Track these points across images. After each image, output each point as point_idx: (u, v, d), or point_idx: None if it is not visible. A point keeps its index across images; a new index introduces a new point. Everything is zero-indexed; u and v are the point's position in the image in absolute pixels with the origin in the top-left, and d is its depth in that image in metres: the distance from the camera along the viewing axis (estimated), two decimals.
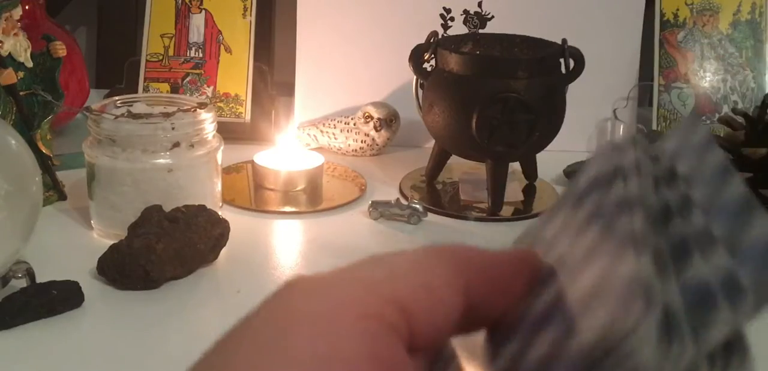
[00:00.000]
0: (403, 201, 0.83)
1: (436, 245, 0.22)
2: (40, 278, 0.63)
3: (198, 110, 0.77)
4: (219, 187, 0.79)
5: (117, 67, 1.12)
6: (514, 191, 0.90)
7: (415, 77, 0.89)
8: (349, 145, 1.00)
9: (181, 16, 1.06)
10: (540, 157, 0.90)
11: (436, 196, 0.90)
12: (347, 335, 0.18)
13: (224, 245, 0.71)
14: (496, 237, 0.79)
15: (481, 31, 1.03)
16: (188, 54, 1.06)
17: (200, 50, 1.06)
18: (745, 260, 0.19)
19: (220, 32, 1.06)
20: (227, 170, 0.90)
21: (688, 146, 0.23)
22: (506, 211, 0.86)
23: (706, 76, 1.07)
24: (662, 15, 1.07)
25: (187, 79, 1.05)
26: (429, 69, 0.87)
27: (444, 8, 1.04)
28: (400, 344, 0.19)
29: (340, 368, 0.18)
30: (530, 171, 0.91)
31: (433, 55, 0.86)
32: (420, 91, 0.89)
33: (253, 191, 0.89)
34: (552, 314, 0.20)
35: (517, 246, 0.24)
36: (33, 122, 0.81)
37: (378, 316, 0.19)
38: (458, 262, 0.21)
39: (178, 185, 0.74)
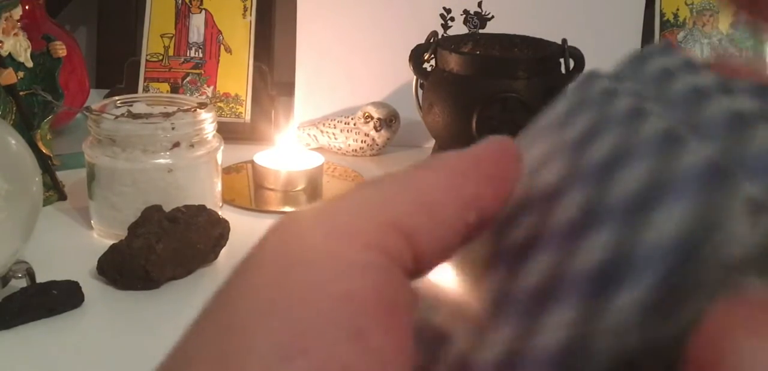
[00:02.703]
0: None
1: (429, 157, 0.21)
2: (40, 278, 0.63)
3: (198, 110, 0.77)
4: (219, 187, 0.79)
5: (117, 67, 1.12)
6: None
7: (415, 77, 0.89)
8: (349, 145, 1.00)
9: (181, 16, 1.06)
10: None
11: None
12: (354, 271, 0.18)
13: (224, 245, 0.71)
14: None
15: (481, 31, 1.03)
16: (188, 54, 1.06)
17: (200, 50, 1.06)
18: None
19: (220, 32, 1.06)
20: (227, 170, 0.90)
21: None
22: None
23: None
24: (662, 15, 1.07)
25: (187, 79, 1.05)
26: (429, 69, 0.87)
27: (444, 8, 1.04)
28: (402, 274, 0.18)
29: (353, 308, 0.17)
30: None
31: (433, 55, 0.86)
32: (420, 91, 0.89)
33: (253, 191, 0.89)
34: (591, 218, 0.18)
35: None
36: (33, 122, 0.81)
37: (380, 246, 0.18)
38: (453, 171, 0.20)
39: (178, 185, 0.74)
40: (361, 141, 1.00)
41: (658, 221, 0.16)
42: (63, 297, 0.62)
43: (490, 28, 1.03)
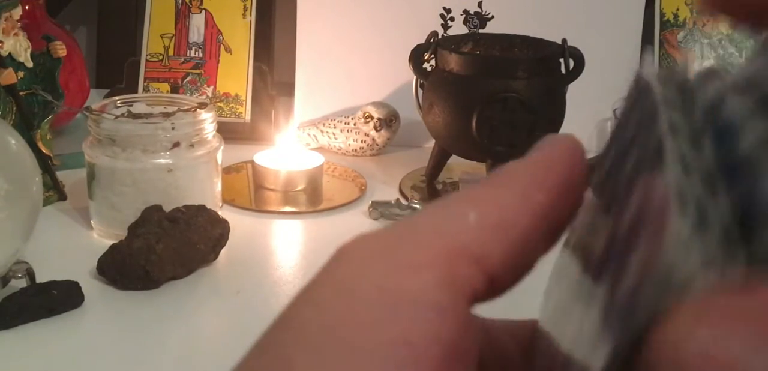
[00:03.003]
0: (403, 201, 0.83)
1: (497, 172, 0.20)
2: (40, 278, 0.63)
3: (198, 110, 0.77)
4: (219, 187, 0.79)
5: (117, 67, 1.12)
6: None
7: (415, 77, 0.89)
8: (349, 145, 1.00)
9: (181, 16, 1.06)
10: None
11: (436, 196, 0.90)
12: (413, 313, 0.17)
13: (224, 245, 0.71)
14: None
15: (481, 31, 1.03)
16: (188, 54, 1.06)
17: (200, 50, 1.06)
18: None
19: (220, 32, 1.06)
20: (227, 170, 0.90)
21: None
22: None
23: None
24: (662, 15, 1.07)
25: (187, 79, 1.05)
26: (429, 69, 0.87)
27: (444, 8, 1.03)
28: (469, 307, 0.18)
29: (408, 355, 0.16)
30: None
31: (433, 55, 0.86)
32: (420, 91, 0.89)
33: (253, 191, 0.89)
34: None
35: None
36: (33, 122, 0.81)
37: (447, 279, 0.17)
38: (523, 182, 0.19)
39: (178, 185, 0.74)
40: (361, 141, 1.00)
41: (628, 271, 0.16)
42: (63, 297, 0.62)
43: (490, 28, 1.03)
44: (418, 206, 0.81)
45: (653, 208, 0.16)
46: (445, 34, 1.02)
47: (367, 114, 0.99)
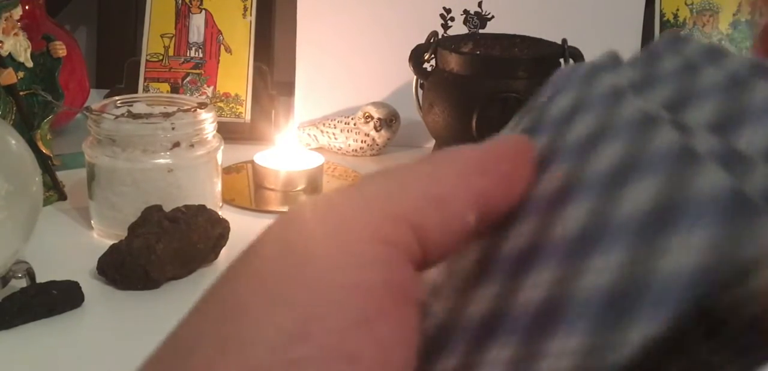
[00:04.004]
0: None
1: (442, 151, 0.20)
2: (40, 278, 0.63)
3: (198, 110, 0.77)
4: (219, 187, 0.79)
5: (117, 67, 1.12)
6: None
7: (415, 77, 0.89)
8: (349, 145, 1.00)
9: (181, 16, 1.06)
10: None
11: None
12: (362, 262, 0.17)
13: (224, 245, 0.71)
14: None
15: (481, 31, 1.03)
16: (188, 54, 1.06)
17: (200, 50, 1.06)
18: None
19: (220, 32, 1.06)
20: (227, 170, 0.90)
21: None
22: None
23: None
24: (662, 15, 1.07)
25: (187, 79, 1.05)
26: (429, 69, 0.87)
27: (444, 8, 1.04)
28: (411, 266, 0.18)
29: (360, 297, 0.17)
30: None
31: (433, 55, 0.86)
32: (420, 91, 0.89)
33: (253, 191, 0.89)
34: (598, 234, 0.17)
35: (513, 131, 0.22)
36: (33, 122, 0.81)
37: (389, 239, 0.18)
38: (466, 165, 0.20)
39: (178, 185, 0.74)
40: (361, 141, 1.00)
41: (674, 249, 0.15)
42: (63, 297, 0.62)
43: (490, 28, 1.03)
44: None
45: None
46: (445, 34, 1.02)
47: (367, 114, 0.99)
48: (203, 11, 1.06)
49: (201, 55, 1.06)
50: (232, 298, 0.18)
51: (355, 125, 0.99)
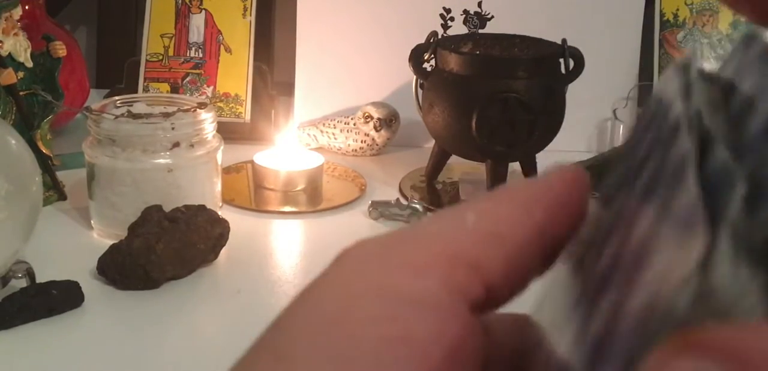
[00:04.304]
0: (403, 201, 0.83)
1: (499, 188, 0.20)
2: (40, 278, 0.63)
3: (198, 110, 0.77)
4: (219, 187, 0.79)
5: (117, 67, 1.12)
6: None
7: (415, 77, 0.89)
8: (349, 145, 1.00)
9: (181, 16, 1.06)
10: (540, 157, 0.90)
11: (436, 196, 0.90)
12: (412, 311, 0.17)
13: (224, 245, 0.71)
14: None
15: (481, 31, 1.03)
16: (188, 54, 1.06)
17: (200, 50, 1.06)
18: None
19: (220, 32, 1.06)
20: (227, 170, 0.90)
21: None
22: None
23: None
24: (662, 15, 1.07)
25: (187, 79, 1.05)
26: (429, 69, 0.87)
27: (444, 8, 1.03)
28: (469, 309, 0.18)
29: (404, 353, 0.16)
30: (530, 171, 0.91)
31: (433, 55, 0.86)
32: (420, 92, 0.89)
33: (253, 191, 0.89)
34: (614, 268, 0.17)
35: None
36: (33, 122, 0.81)
37: (445, 280, 0.17)
38: (525, 196, 0.19)
39: (178, 185, 0.74)
40: (361, 141, 1.00)
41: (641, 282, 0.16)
42: (63, 297, 0.62)
43: (490, 28, 1.03)
44: (418, 206, 0.81)
45: (666, 234, 0.15)
46: (445, 34, 1.02)
47: (367, 114, 0.99)
48: (203, 11, 1.06)
49: (201, 55, 1.06)
50: (283, 339, 0.18)
51: (355, 125, 0.99)
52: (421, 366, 0.16)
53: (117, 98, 0.80)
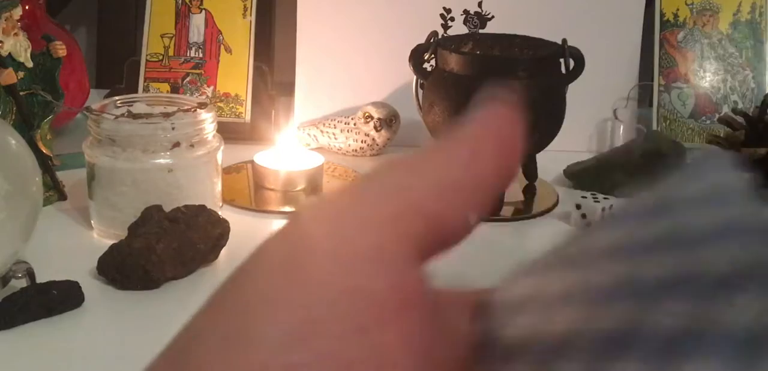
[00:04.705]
0: None
1: (440, 137, 0.20)
2: (40, 278, 0.63)
3: (198, 110, 0.77)
4: (219, 187, 0.79)
5: (117, 67, 1.12)
6: (514, 191, 0.90)
7: (415, 77, 0.89)
8: (349, 145, 1.00)
9: (181, 16, 1.06)
10: (540, 157, 0.90)
11: None
12: (366, 265, 0.17)
13: (224, 245, 0.71)
14: (495, 238, 0.79)
15: (481, 31, 1.03)
16: (188, 54, 1.06)
17: (200, 50, 1.06)
18: None
19: (220, 32, 1.06)
20: (227, 170, 0.90)
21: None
22: (506, 211, 0.86)
23: (706, 77, 1.07)
24: (662, 15, 1.07)
25: (187, 79, 1.05)
26: (429, 69, 0.87)
27: (444, 8, 1.04)
28: (419, 263, 0.18)
29: (361, 303, 0.17)
30: (530, 171, 0.91)
31: (433, 55, 0.86)
32: (420, 91, 0.89)
33: (253, 191, 0.89)
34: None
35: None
36: (33, 122, 0.81)
37: (397, 236, 0.18)
38: (469, 141, 0.20)
39: (178, 185, 0.74)
40: (361, 141, 1.00)
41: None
42: (63, 297, 0.62)
43: (490, 28, 1.03)
44: None
45: None
46: (445, 34, 1.02)
47: (367, 114, 0.99)
48: (203, 11, 1.06)
49: (201, 55, 1.06)
50: (238, 297, 0.18)
51: (355, 125, 0.99)
52: (378, 314, 0.17)
53: (117, 98, 0.80)
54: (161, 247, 0.65)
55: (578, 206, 0.82)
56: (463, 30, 1.03)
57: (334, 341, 0.16)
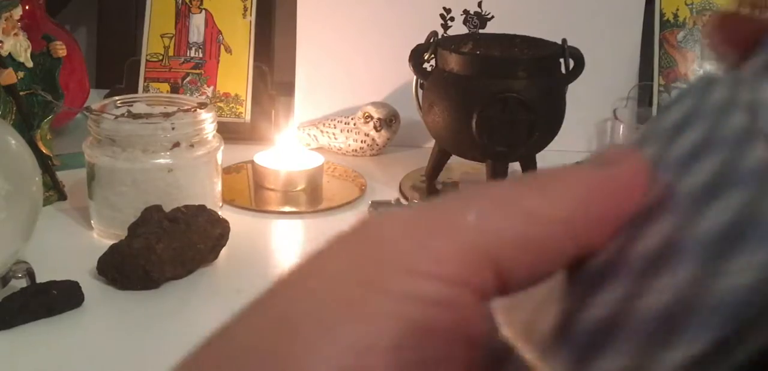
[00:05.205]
0: (403, 201, 0.83)
1: (540, 173, 0.19)
2: (40, 278, 0.63)
3: (198, 110, 0.77)
4: (219, 187, 0.79)
5: (117, 67, 1.12)
6: None
7: (415, 77, 0.89)
8: (349, 145, 1.00)
9: (181, 16, 1.06)
10: (540, 157, 0.90)
11: (436, 196, 0.89)
12: (429, 297, 0.16)
13: (224, 245, 0.71)
14: None
15: (481, 31, 1.03)
16: (188, 54, 1.06)
17: (200, 50, 1.06)
18: None
19: (220, 32, 1.06)
20: (227, 170, 0.90)
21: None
22: None
23: None
24: (662, 15, 1.07)
25: (187, 79, 1.05)
26: (429, 69, 0.87)
27: (444, 8, 1.03)
28: (481, 306, 0.17)
29: (421, 338, 0.16)
30: (530, 171, 0.91)
31: (433, 55, 0.86)
32: (420, 92, 0.89)
33: (253, 191, 0.89)
34: (672, 252, 0.16)
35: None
36: (33, 122, 0.81)
37: (464, 280, 0.17)
38: (572, 198, 0.18)
39: (178, 185, 0.74)
40: (361, 141, 1.00)
41: (734, 270, 0.15)
42: (63, 297, 0.62)
43: (490, 28, 1.03)
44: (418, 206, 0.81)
45: None
46: (445, 34, 1.02)
47: (367, 114, 0.99)
48: (203, 11, 1.06)
49: (201, 55, 1.06)
50: (287, 313, 0.17)
51: (355, 125, 0.99)
52: (436, 350, 0.16)
53: (117, 98, 0.80)
54: (161, 247, 0.65)
55: None
56: (463, 30, 1.03)
57: None
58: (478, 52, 0.91)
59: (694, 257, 0.16)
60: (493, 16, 1.04)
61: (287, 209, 0.85)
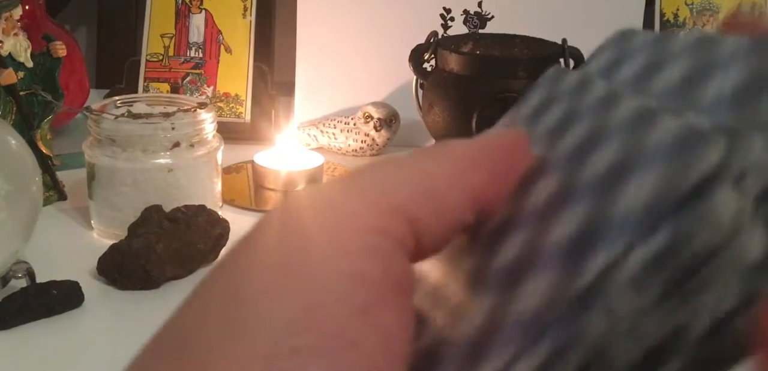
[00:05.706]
0: None
1: (438, 144, 0.21)
2: (40, 278, 0.63)
3: (198, 110, 0.77)
4: (219, 187, 0.79)
5: (117, 67, 1.12)
6: None
7: (415, 77, 0.89)
8: (349, 145, 1.00)
9: (181, 16, 1.06)
10: None
11: None
12: (362, 252, 0.18)
13: (224, 245, 0.71)
14: None
15: (481, 31, 1.03)
16: (188, 54, 1.06)
17: (200, 50, 1.06)
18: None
19: (220, 32, 1.06)
20: (227, 170, 0.90)
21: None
22: None
23: None
24: (662, 15, 1.07)
25: (187, 79, 1.05)
26: (429, 69, 0.87)
27: (444, 8, 1.04)
28: (407, 259, 0.19)
29: (361, 286, 0.17)
30: None
31: (433, 55, 0.86)
32: (420, 91, 0.89)
33: (253, 191, 0.89)
34: (569, 195, 0.19)
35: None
36: (33, 122, 0.81)
37: (387, 230, 0.18)
38: (462, 160, 0.20)
39: (178, 185, 0.74)
40: (361, 141, 1.00)
41: (631, 190, 0.17)
42: (63, 297, 0.62)
43: (490, 28, 1.03)
44: None
45: None
46: (445, 34, 1.02)
47: (367, 114, 0.99)
48: (203, 11, 1.06)
49: (201, 55, 1.06)
50: (231, 287, 0.18)
51: (355, 125, 0.99)
52: (378, 295, 0.17)
53: (117, 98, 0.80)
54: (161, 247, 0.65)
55: None
56: (463, 30, 1.03)
57: (338, 322, 0.17)
58: (478, 53, 0.91)
59: (590, 193, 0.18)
60: (493, 16, 1.04)
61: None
